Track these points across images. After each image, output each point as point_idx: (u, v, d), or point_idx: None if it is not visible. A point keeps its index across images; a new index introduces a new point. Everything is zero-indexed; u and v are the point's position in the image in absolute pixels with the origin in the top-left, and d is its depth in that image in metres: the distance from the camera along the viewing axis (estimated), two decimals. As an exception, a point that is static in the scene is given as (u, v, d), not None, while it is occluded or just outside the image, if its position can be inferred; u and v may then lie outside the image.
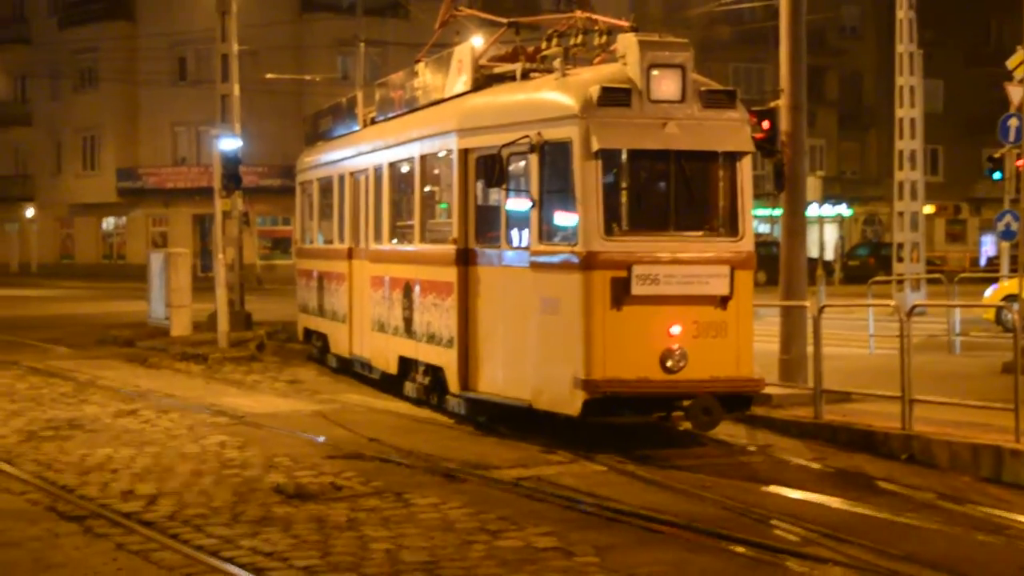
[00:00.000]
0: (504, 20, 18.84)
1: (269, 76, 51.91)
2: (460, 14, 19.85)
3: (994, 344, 22.71)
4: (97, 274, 70.47)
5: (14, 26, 79.94)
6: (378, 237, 19.46)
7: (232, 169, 28.14)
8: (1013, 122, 20.94)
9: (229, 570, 9.24)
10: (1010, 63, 20.71)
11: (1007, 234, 27.47)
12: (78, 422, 16.61)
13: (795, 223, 18.77)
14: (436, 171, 17.38)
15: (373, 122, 21.40)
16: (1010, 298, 24.02)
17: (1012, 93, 20.91)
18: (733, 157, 14.48)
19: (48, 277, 71.45)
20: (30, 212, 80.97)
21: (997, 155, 27.76)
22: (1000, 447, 13.06)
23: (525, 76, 16.23)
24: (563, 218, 14.41)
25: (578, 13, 17.08)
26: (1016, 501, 11.93)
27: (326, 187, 23.28)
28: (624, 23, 16.06)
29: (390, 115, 20.38)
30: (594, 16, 16.78)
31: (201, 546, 9.92)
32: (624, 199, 14.42)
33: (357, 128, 22.30)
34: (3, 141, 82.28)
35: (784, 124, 17.90)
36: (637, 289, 13.75)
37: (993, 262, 58.49)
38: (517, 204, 14.99)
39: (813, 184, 30.75)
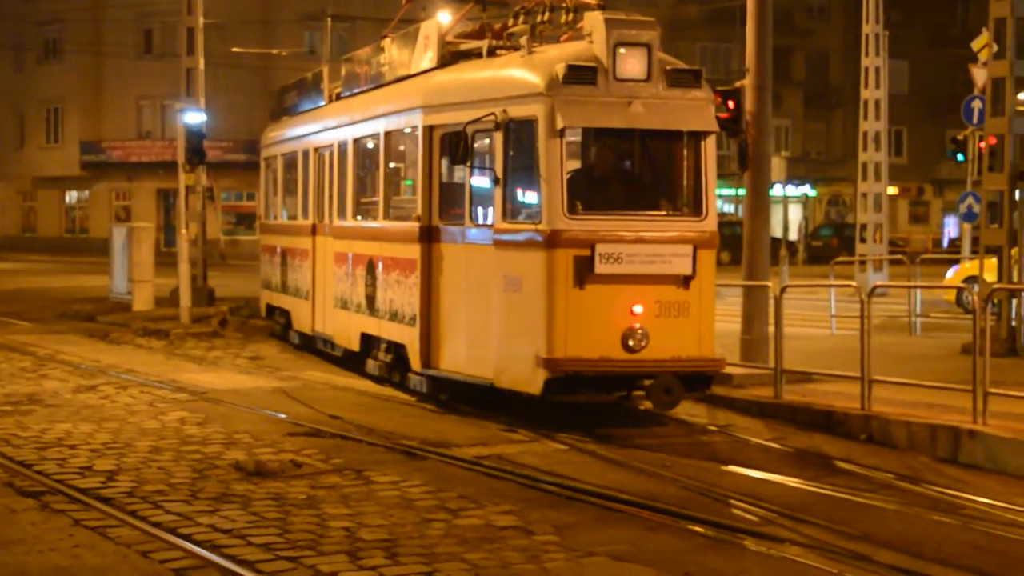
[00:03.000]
0: None
1: (235, 50, 51.87)
2: None
3: (954, 325, 22.87)
4: (59, 248, 70.31)
5: (-25, -6, 79.57)
6: (342, 213, 19.45)
7: (196, 143, 28.10)
8: (977, 104, 21.14)
9: (187, 547, 9.20)
10: (975, 45, 20.89)
11: (969, 216, 27.68)
12: (37, 397, 16.55)
13: (759, 203, 18.85)
14: (401, 148, 17.39)
15: (339, 98, 21.38)
16: (971, 280, 24.13)
17: (976, 75, 21.08)
18: (697, 137, 14.50)
19: (9, 250, 71.01)
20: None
21: (960, 136, 27.96)
22: (958, 428, 13.14)
23: (491, 53, 16.24)
24: (527, 196, 14.44)
25: None
26: (972, 482, 12.00)
27: (291, 163, 23.27)
28: (591, 1, 16.08)
29: (356, 91, 20.36)
30: None
31: (159, 523, 9.88)
32: (588, 177, 14.45)
33: (323, 103, 22.26)
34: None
35: (749, 104, 17.95)
36: (600, 268, 13.77)
37: (955, 244, 58.85)
38: (481, 182, 15.00)
39: (777, 164, 30.82)
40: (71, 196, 76.46)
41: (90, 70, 72.52)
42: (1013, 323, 19.42)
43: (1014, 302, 19.46)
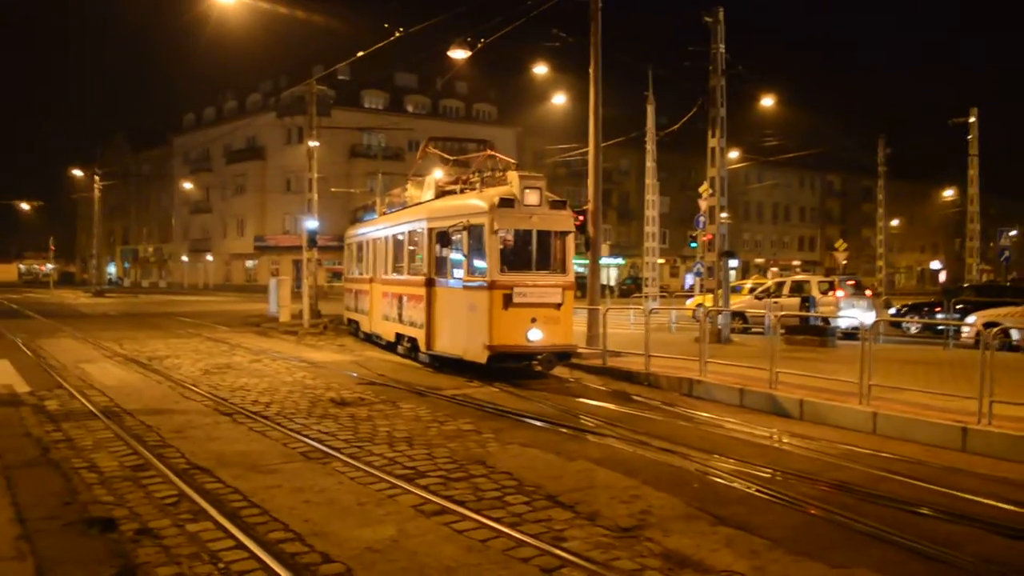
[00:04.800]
0: (451, 158, 19.02)
1: (333, 189, 51.68)
2: (429, 152, 19.75)
3: (691, 328, 23.00)
4: (242, 290, 69.64)
5: (203, 162, 79.26)
6: (386, 271, 19.34)
7: (312, 237, 28.05)
8: (701, 219, 21.35)
9: (306, 440, 9.14)
10: (700, 189, 21.08)
11: (698, 273, 27.93)
12: (230, 365, 16.33)
13: (595, 267, 18.91)
14: (416, 239, 17.28)
15: (384, 214, 21.29)
16: (700, 305, 24.34)
17: (701, 204, 21.29)
18: (564, 233, 14.56)
19: (217, 292, 70.46)
20: (209, 257, 79.90)
21: (694, 234, 28.15)
22: (692, 378, 13.25)
23: (462, 191, 16.27)
24: (479, 264, 14.43)
25: (488, 151, 17.36)
26: (699, 405, 12.09)
27: (360, 246, 23.09)
28: (512, 160, 16.29)
29: (393, 210, 20.29)
30: (497, 155, 17.12)
31: (292, 429, 9.80)
32: (509, 254, 14.46)
33: (376, 216, 22.16)
34: (196, 221, 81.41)
35: (590, 218, 18.05)
36: (516, 299, 13.82)
37: (692, 288, 59.28)
38: (456, 256, 14.98)
39: (605, 248, 30.83)
40: (249, 263, 75.76)
41: (258, 199, 72.45)
42: (719, 327, 19.61)
43: (719, 316, 19.67)
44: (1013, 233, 35.07)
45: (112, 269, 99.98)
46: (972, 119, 34.70)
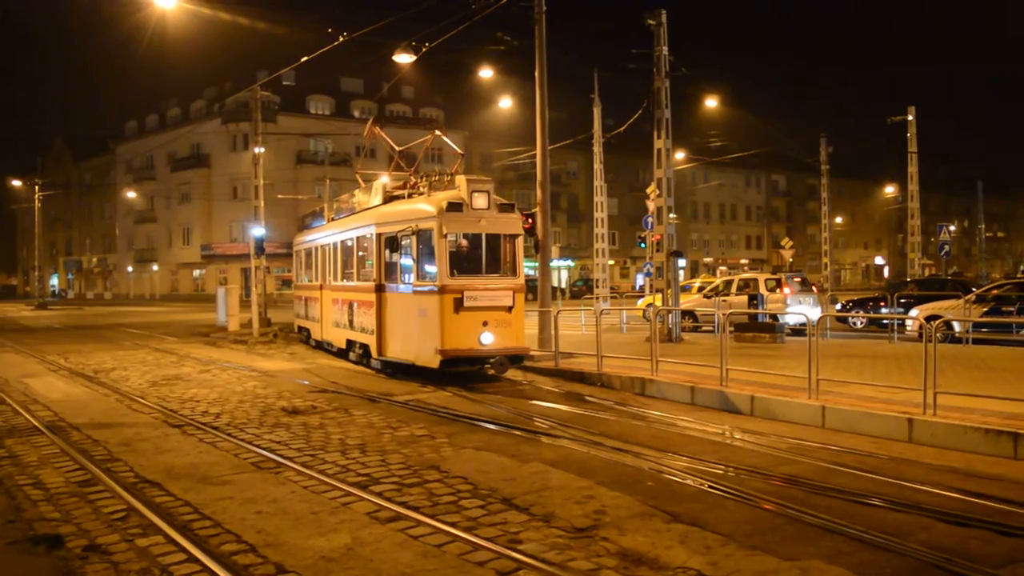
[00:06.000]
0: (399, 148, 18.85)
1: (280, 196, 51.13)
2: (376, 134, 19.47)
3: (642, 328, 23.16)
4: (190, 300, 68.72)
5: (146, 171, 77.81)
6: (336, 278, 19.18)
7: (260, 244, 27.73)
8: (649, 219, 21.52)
9: (257, 451, 8.99)
10: (648, 191, 21.24)
11: (647, 274, 28.15)
12: (179, 376, 16.05)
13: (545, 269, 18.96)
14: (365, 245, 17.16)
15: (333, 220, 21.10)
16: (650, 305, 24.56)
17: (649, 205, 21.46)
18: (514, 236, 14.58)
19: (163, 302, 69.31)
20: (155, 267, 78.44)
21: (642, 235, 28.37)
22: (644, 378, 13.31)
23: (410, 196, 16.20)
24: (428, 268, 14.37)
25: (435, 132, 17.30)
26: (651, 404, 12.15)
27: (309, 252, 22.88)
28: (459, 151, 16.39)
29: (341, 216, 20.12)
30: (445, 138, 17.13)
31: (243, 439, 9.65)
32: (459, 257, 14.43)
33: (324, 223, 21.95)
34: (141, 231, 79.83)
35: (539, 220, 18.09)
36: (467, 303, 13.78)
37: (642, 288, 59.75)
38: (406, 261, 14.89)
39: (554, 250, 30.92)
40: (197, 272, 74.60)
41: (204, 207, 71.38)
42: (669, 326, 19.77)
43: (669, 315, 19.83)
44: (952, 228, 36.00)
45: (55, 281, 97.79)
46: (910, 117, 35.53)
